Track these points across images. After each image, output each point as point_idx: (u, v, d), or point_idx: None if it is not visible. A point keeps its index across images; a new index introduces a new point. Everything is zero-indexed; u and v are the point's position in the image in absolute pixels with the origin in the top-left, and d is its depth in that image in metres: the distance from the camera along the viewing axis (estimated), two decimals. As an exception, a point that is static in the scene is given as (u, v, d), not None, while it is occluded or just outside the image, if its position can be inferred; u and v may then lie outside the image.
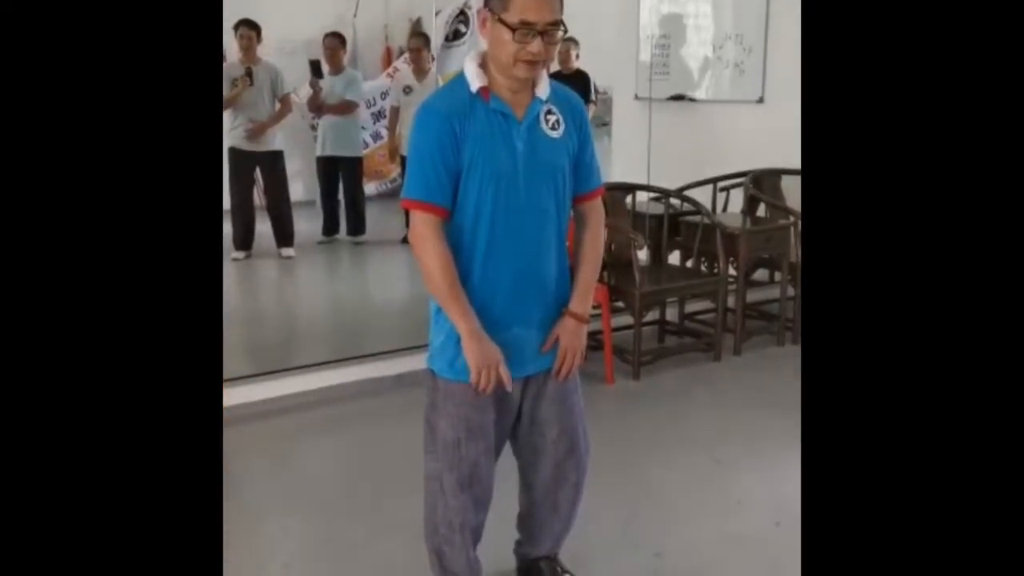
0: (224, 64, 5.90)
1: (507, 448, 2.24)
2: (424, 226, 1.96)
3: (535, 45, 1.86)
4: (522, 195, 1.98)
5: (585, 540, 2.53)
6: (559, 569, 2.37)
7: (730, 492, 2.99)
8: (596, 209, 2.17)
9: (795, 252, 4.52)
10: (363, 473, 3.17)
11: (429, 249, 1.96)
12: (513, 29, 1.85)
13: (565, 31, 1.94)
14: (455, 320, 1.98)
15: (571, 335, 2.09)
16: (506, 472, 2.25)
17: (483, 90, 1.96)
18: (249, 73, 5.63)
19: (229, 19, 5.72)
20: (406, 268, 6.11)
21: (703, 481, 3.08)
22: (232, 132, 5.72)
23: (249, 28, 5.65)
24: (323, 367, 3.96)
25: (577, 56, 6.28)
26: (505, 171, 1.96)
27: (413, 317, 4.40)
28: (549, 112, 2.02)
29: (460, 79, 2.00)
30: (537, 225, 2.03)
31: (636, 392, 3.97)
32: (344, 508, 2.90)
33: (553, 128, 2.02)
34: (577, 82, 5.79)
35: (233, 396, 3.60)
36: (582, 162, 2.09)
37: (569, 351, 2.09)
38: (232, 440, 3.29)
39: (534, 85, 1.99)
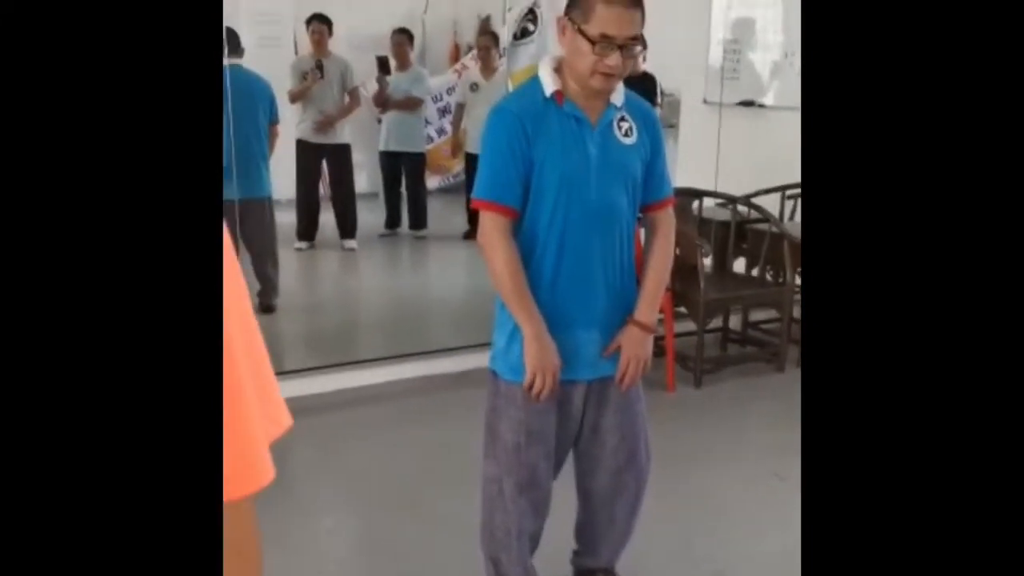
0: (296, 57, 5.98)
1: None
2: (493, 226, 1.96)
3: (613, 59, 1.85)
4: (593, 199, 1.97)
5: (644, 553, 2.49)
6: (616, 582, 2.34)
7: (791, 507, 2.92)
8: (667, 218, 2.15)
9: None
10: (420, 472, 3.18)
11: (497, 249, 1.95)
12: (593, 42, 1.84)
13: (644, 46, 1.93)
14: (520, 321, 1.97)
15: (635, 344, 2.07)
16: (565, 479, 2.22)
17: (557, 94, 1.96)
18: (320, 67, 5.69)
19: (303, 14, 5.80)
20: (467, 263, 6.13)
21: (764, 495, 3.02)
22: (300, 124, 5.78)
23: (321, 23, 5.70)
24: (382, 362, 3.99)
25: (644, 59, 6.21)
26: (577, 175, 1.96)
27: (474, 314, 4.41)
28: (623, 119, 2.01)
29: (535, 82, 2.00)
30: (606, 229, 2.02)
31: (697, 401, 3.92)
32: (401, 506, 2.91)
33: (626, 135, 2.01)
34: (643, 85, 5.73)
35: (291, 389, 3.64)
36: (654, 171, 2.08)
37: (632, 360, 2.06)
38: (288, 433, 3.31)
39: (609, 92, 1.98)
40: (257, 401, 0.68)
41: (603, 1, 1.84)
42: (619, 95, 2.00)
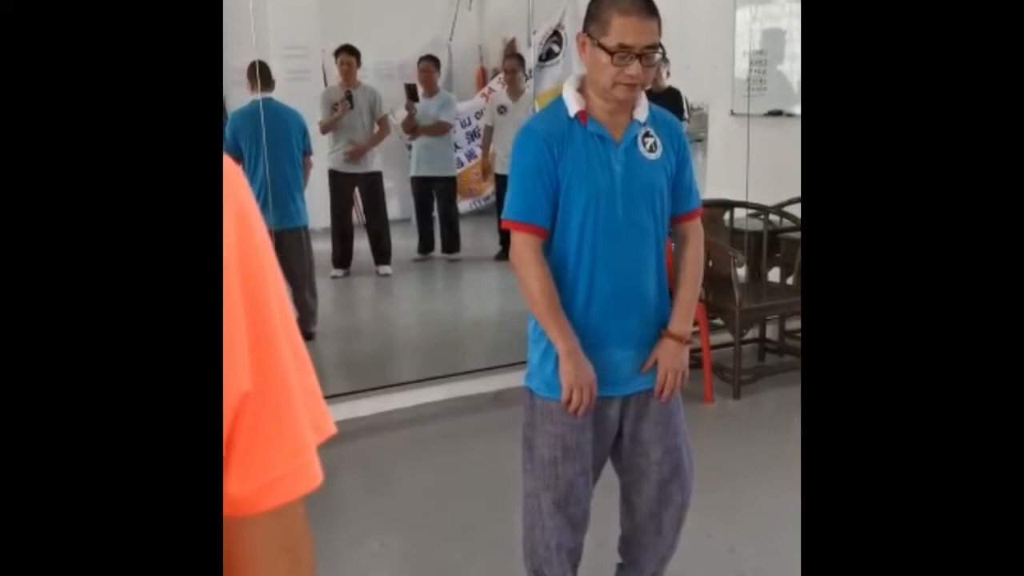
0: (325, 89, 6.07)
1: (606, 470, 2.23)
2: (524, 246, 1.99)
3: (633, 68, 1.88)
4: (620, 216, 2.00)
5: (688, 566, 2.48)
6: (662, 596, 2.34)
7: (835, 517, 2.90)
8: (695, 229, 2.16)
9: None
10: (461, 491, 3.19)
11: (530, 268, 1.98)
12: (611, 53, 1.87)
13: (663, 53, 1.95)
14: (554, 339, 1.99)
15: (671, 356, 2.08)
16: (604, 494, 2.23)
17: (581, 114, 1.99)
18: (349, 97, 5.76)
19: (331, 46, 5.90)
20: (501, 284, 6.16)
21: (807, 505, 3.00)
22: (332, 154, 5.86)
23: (349, 54, 5.77)
24: (420, 384, 4.01)
25: (668, 74, 6.23)
26: (603, 193, 1.98)
27: (509, 333, 4.43)
28: (647, 134, 2.04)
29: (559, 103, 2.03)
30: (636, 245, 2.04)
31: (737, 412, 3.90)
32: (442, 527, 2.93)
33: (651, 150, 2.03)
34: (668, 100, 5.74)
35: (332, 413, 3.66)
36: (681, 183, 2.10)
37: (670, 372, 2.08)
38: (330, 458, 3.34)
39: (632, 107, 2.00)
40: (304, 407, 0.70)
41: (619, 13, 1.87)
42: (643, 110, 2.03)
